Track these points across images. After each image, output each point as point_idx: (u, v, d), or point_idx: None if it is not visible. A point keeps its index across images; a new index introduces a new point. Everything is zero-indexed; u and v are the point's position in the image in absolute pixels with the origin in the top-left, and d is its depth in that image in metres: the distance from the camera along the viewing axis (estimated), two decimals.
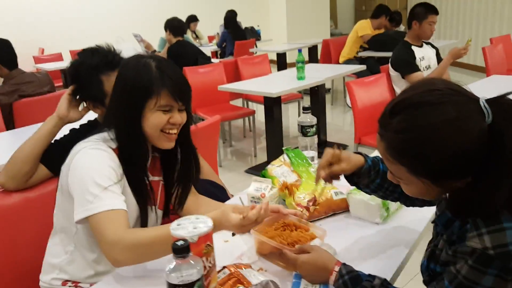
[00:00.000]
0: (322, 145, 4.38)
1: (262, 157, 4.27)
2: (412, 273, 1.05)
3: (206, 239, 0.89)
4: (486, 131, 0.78)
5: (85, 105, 1.53)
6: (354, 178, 1.18)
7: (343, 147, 4.39)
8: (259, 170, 2.08)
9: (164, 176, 1.39)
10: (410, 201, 1.19)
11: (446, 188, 0.86)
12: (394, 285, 1.14)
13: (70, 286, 1.34)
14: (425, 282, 0.97)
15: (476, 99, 0.81)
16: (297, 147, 1.67)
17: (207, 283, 0.92)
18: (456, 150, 0.78)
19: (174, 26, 4.82)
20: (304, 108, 1.68)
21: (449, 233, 0.90)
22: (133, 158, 1.25)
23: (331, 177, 1.17)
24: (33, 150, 1.45)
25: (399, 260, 1.16)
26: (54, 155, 1.48)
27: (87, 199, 1.14)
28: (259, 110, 4.34)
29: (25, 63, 6.06)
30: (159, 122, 1.22)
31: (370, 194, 1.22)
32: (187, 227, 0.89)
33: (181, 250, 0.80)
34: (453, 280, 0.82)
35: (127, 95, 1.22)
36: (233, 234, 1.34)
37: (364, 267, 1.06)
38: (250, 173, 3.90)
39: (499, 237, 0.77)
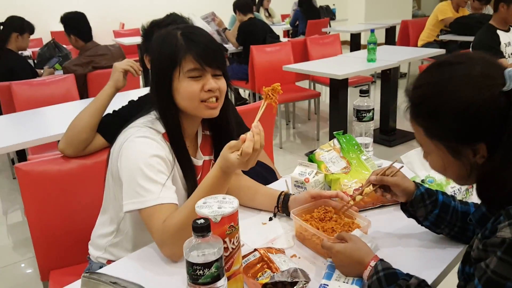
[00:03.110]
0: (391, 132, 4.18)
1: (325, 141, 4.17)
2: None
3: (230, 219, 0.86)
4: (499, 96, 0.76)
5: None
6: (409, 208, 1.12)
7: (413, 136, 4.15)
8: None
9: (215, 155, 1.36)
10: None
11: (463, 161, 0.83)
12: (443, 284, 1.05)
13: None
14: (460, 287, 0.88)
15: (503, 68, 0.79)
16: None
17: (230, 264, 0.89)
18: (465, 106, 0.77)
19: (241, 4, 4.82)
20: (362, 92, 1.58)
21: (483, 230, 0.82)
22: (176, 139, 1.22)
23: (381, 188, 1.14)
24: (90, 120, 1.50)
25: (444, 265, 1.05)
26: (112, 126, 1.51)
27: (137, 191, 1.11)
28: (326, 93, 4.21)
29: (106, 37, 6.41)
30: (192, 90, 1.15)
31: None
32: (212, 205, 0.87)
33: (201, 228, 0.78)
34: (482, 276, 0.74)
35: (156, 69, 1.20)
36: (270, 219, 1.31)
37: (409, 265, 0.99)
38: None
39: None
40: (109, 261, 1.37)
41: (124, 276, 0.97)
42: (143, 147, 1.16)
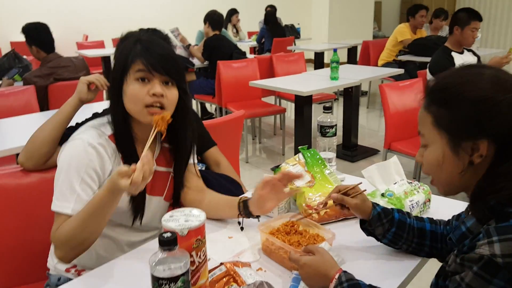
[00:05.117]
0: (353, 148, 4.28)
1: (290, 156, 4.22)
2: (424, 285, 1.00)
3: (197, 233, 0.86)
4: None
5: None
6: (368, 227, 1.17)
7: (374, 152, 4.28)
8: None
9: (175, 168, 1.37)
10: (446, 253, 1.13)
11: (460, 157, 0.84)
12: None
13: (72, 274, 1.34)
14: None
15: None
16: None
17: (196, 278, 0.89)
18: (485, 98, 0.80)
19: (214, 19, 4.84)
20: (325, 108, 1.63)
21: (461, 246, 0.84)
22: (124, 140, 1.24)
23: (340, 204, 1.18)
24: (51, 133, 1.46)
25: (406, 273, 1.09)
26: None
27: (56, 193, 1.18)
28: (291, 109, 4.28)
29: (69, 49, 6.28)
30: (136, 93, 1.17)
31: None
32: (178, 219, 0.87)
33: (168, 242, 0.78)
34: None
35: (112, 74, 1.23)
36: (242, 229, 1.32)
37: (370, 277, 1.01)
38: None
39: (510, 246, 0.72)
40: (69, 269, 1.34)
41: None
42: (80, 155, 1.18)
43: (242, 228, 1.32)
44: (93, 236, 1.16)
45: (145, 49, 1.19)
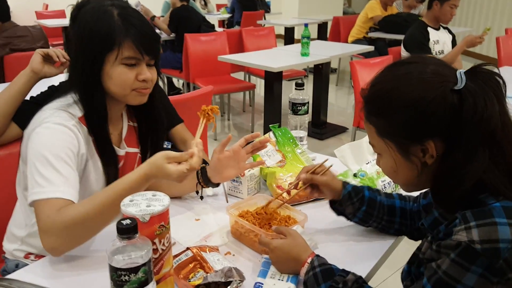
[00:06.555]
0: (322, 126, 4.27)
1: (260, 133, 4.16)
2: (394, 267, 0.98)
3: (160, 219, 0.80)
4: (451, 94, 0.76)
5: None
6: (338, 206, 1.15)
7: (343, 129, 4.28)
8: None
9: (142, 148, 1.29)
10: (417, 234, 1.12)
11: (412, 160, 0.82)
12: (374, 277, 1.07)
13: (32, 260, 1.26)
14: (406, 287, 0.88)
15: (455, 69, 0.80)
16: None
17: (159, 267, 0.83)
18: (416, 101, 0.77)
19: None
20: (297, 85, 1.57)
21: (435, 233, 0.82)
22: (98, 122, 1.14)
23: (310, 186, 1.16)
24: (3, 107, 1.35)
25: (379, 255, 1.07)
26: (28, 113, 1.38)
27: (38, 181, 1.01)
28: (261, 85, 4.21)
29: (27, 18, 5.91)
30: (125, 78, 1.09)
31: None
32: (140, 204, 0.80)
33: (127, 230, 0.71)
34: (432, 276, 0.73)
35: (85, 47, 1.09)
36: (201, 198, 1.27)
37: (343, 260, 0.99)
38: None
39: (488, 231, 0.69)
40: (28, 255, 1.26)
41: (40, 281, 0.87)
42: (54, 136, 1.06)
43: (201, 198, 1.27)
44: (100, 227, 1.01)
45: (131, 26, 1.07)
